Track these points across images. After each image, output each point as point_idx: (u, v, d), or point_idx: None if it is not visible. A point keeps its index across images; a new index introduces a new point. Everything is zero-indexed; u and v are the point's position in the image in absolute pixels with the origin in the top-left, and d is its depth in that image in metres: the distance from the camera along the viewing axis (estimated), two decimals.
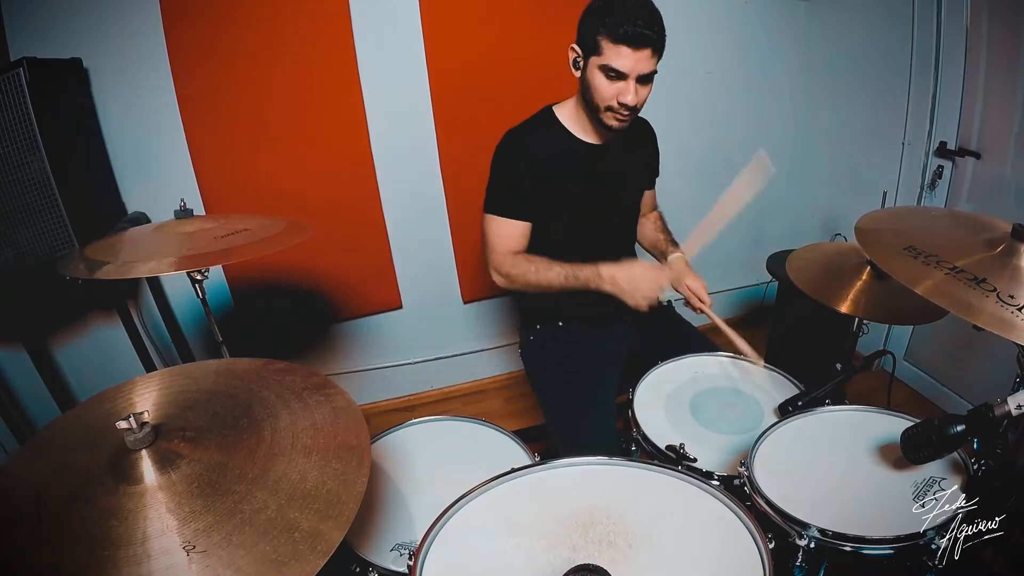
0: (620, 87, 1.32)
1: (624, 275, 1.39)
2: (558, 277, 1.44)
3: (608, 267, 1.41)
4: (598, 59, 1.31)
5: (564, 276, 1.44)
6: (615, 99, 1.34)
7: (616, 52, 1.28)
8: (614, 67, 1.30)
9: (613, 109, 1.36)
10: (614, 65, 1.29)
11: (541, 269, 1.46)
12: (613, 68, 1.30)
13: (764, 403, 1.35)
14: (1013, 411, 0.86)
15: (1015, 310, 0.88)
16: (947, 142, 2.09)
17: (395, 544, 1.04)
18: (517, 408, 2.54)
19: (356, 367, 2.53)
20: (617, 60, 1.29)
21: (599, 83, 1.34)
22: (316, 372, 0.98)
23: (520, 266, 1.48)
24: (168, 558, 0.66)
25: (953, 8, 1.97)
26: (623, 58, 1.28)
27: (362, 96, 2.13)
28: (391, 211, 2.31)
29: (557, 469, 1.00)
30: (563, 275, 1.44)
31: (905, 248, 1.04)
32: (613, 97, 1.34)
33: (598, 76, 1.33)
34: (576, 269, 1.43)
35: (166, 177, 2.05)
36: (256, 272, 2.26)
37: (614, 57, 1.29)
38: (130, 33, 1.89)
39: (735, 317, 2.94)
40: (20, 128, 1.60)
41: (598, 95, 1.36)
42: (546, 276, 1.45)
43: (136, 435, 0.76)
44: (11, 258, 1.67)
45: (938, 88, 2.08)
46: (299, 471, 0.78)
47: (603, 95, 1.35)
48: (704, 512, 0.90)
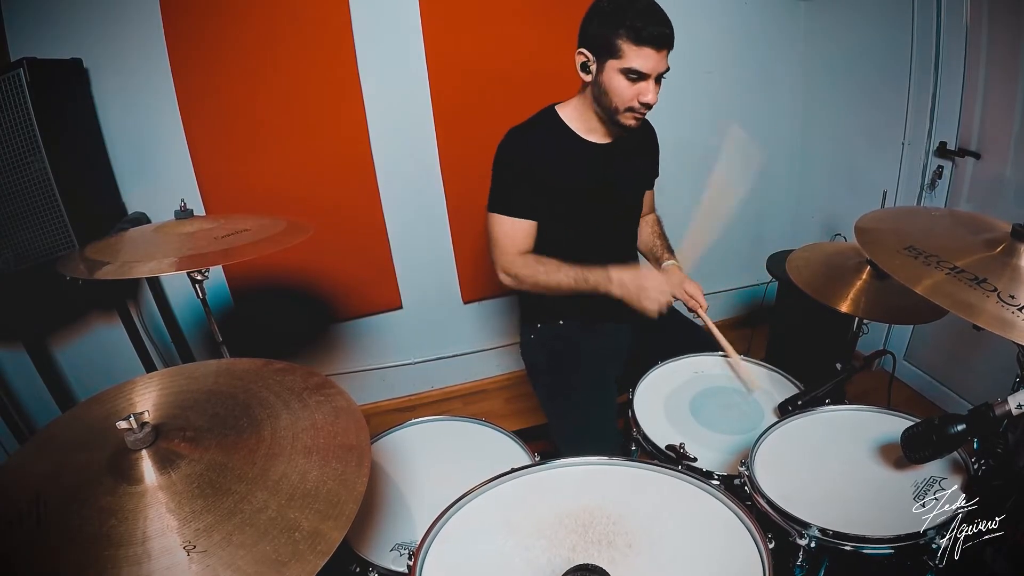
0: (641, 87, 1.33)
1: (634, 280, 1.39)
2: (568, 280, 1.44)
3: (618, 271, 1.41)
4: (618, 62, 1.31)
5: (574, 279, 1.44)
6: (635, 100, 1.35)
7: (639, 54, 1.29)
8: (638, 69, 1.30)
9: (634, 109, 1.37)
10: (637, 67, 1.30)
11: (551, 271, 1.45)
12: (636, 70, 1.30)
13: (764, 403, 1.35)
14: (1013, 411, 0.86)
15: (1015, 310, 0.88)
16: (947, 142, 2.09)
17: (395, 544, 1.04)
18: (517, 408, 2.54)
19: (356, 367, 2.53)
20: (640, 62, 1.30)
21: (619, 86, 1.34)
22: (316, 372, 0.98)
23: (529, 267, 1.47)
24: (168, 558, 0.66)
25: (953, 8, 1.96)
26: (647, 59, 1.29)
27: (362, 96, 2.13)
28: (391, 211, 2.31)
29: (557, 469, 1.00)
30: (573, 278, 1.44)
31: (905, 248, 1.04)
32: (634, 98, 1.35)
33: (618, 79, 1.33)
34: (586, 272, 1.43)
35: (166, 177, 2.05)
36: (256, 272, 2.26)
37: (637, 59, 1.29)
38: (130, 33, 1.89)
39: (735, 317, 2.94)
40: (20, 128, 1.60)
41: (618, 98, 1.36)
42: (556, 278, 1.45)
43: (136, 435, 0.76)
44: (11, 258, 1.67)
45: (938, 88, 2.08)
46: (299, 471, 0.78)
47: (624, 97, 1.35)
48: (704, 512, 0.90)
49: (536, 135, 1.49)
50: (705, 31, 2.41)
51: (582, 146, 1.50)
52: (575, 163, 1.49)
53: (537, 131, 1.50)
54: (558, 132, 1.49)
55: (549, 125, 1.50)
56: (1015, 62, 1.82)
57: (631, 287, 1.39)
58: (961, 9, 1.93)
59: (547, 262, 1.46)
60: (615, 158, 1.53)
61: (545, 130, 1.50)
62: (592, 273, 1.42)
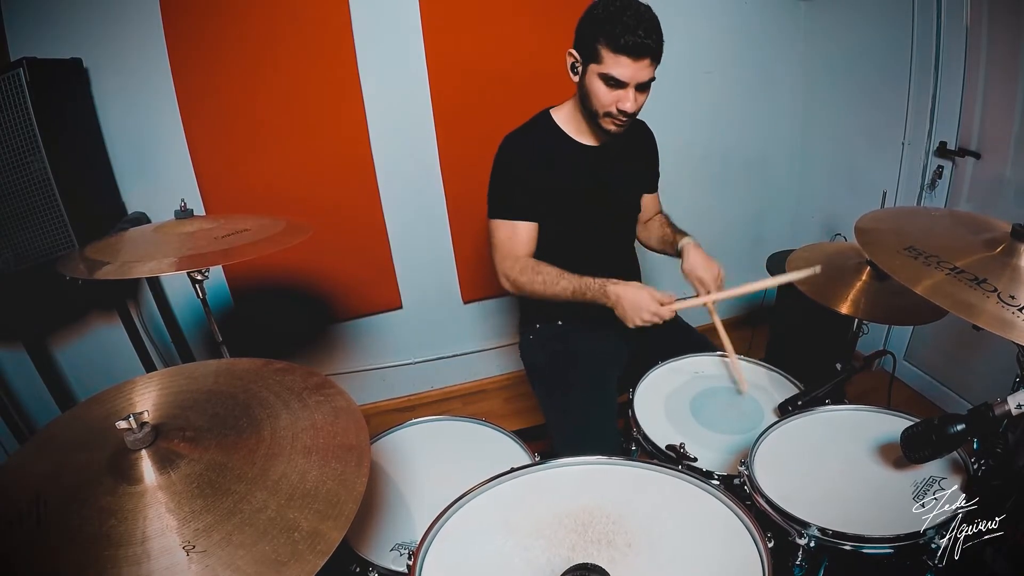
0: (619, 95, 1.34)
1: (629, 299, 1.38)
2: (565, 292, 1.45)
3: (615, 287, 1.40)
4: (598, 67, 1.32)
5: (572, 292, 1.44)
6: (614, 106, 1.35)
7: (616, 61, 1.29)
8: (614, 76, 1.31)
9: (612, 115, 1.38)
10: (614, 74, 1.30)
11: (549, 282, 1.46)
12: (613, 77, 1.31)
13: (764, 403, 1.35)
14: (1013, 411, 0.86)
15: (1016, 311, 0.88)
16: (947, 142, 2.09)
17: (395, 544, 1.04)
18: (517, 408, 2.54)
19: (356, 367, 2.53)
20: (617, 69, 1.30)
21: (598, 90, 1.35)
22: (316, 372, 0.98)
23: (528, 275, 1.48)
24: (168, 558, 0.66)
25: (953, 8, 1.96)
26: (623, 67, 1.29)
27: (362, 96, 2.13)
28: (391, 211, 2.31)
29: (557, 469, 1.00)
30: (570, 290, 1.44)
31: (905, 248, 1.04)
32: (612, 104, 1.35)
33: (597, 83, 1.34)
34: (584, 287, 1.43)
35: (166, 177, 2.05)
36: (256, 272, 2.26)
37: (614, 66, 1.30)
38: (130, 33, 1.89)
39: (735, 317, 2.93)
40: (20, 128, 1.60)
41: (597, 102, 1.37)
42: (553, 290, 1.46)
43: (136, 435, 0.76)
44: (11, 258, 1.67)
45: (938, 88, 2.08)
46: (299, 471, 0.78)
47: (602, 102, 1.36)
48: (704, 512, 0.90)
49: (532, 139, 1.50)
50: (705, 31, 2.41)
51: (574, 148, 1.51)
52: (569, 165, 1.49)
53: (532, 135, 1.51)
54: (551, 136, 1.50)
55: (543, 128, 1.51)
56: (1015, 62, 1.82)
57: (625, 306, 1.38)
58: (961, 9, 1.93)
59: (546, 272, 1.46)
60: (607, 160, 1.53)
61: (540, 133, 1.51)
62: (590, 289, 1.42)
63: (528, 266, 1.48)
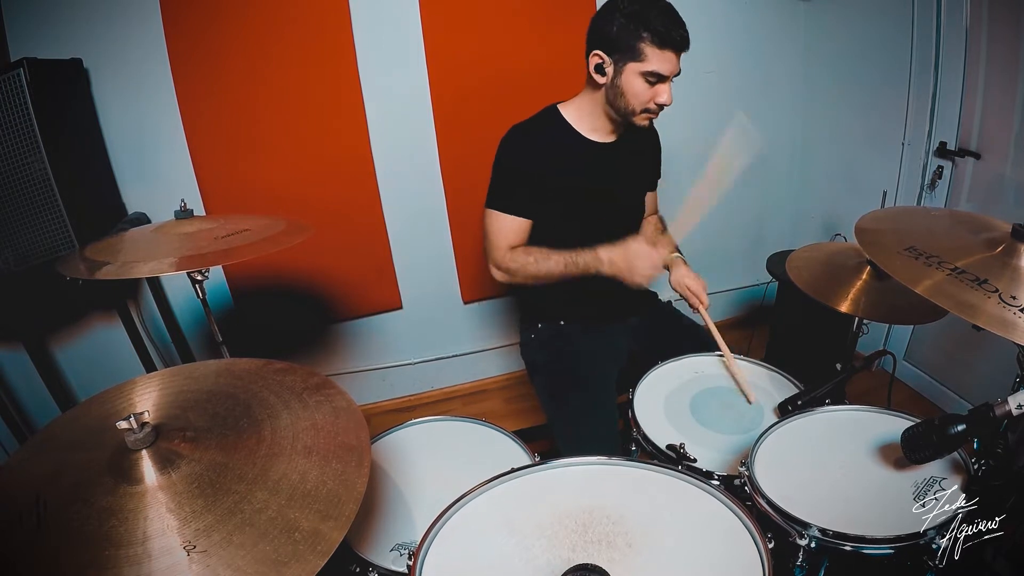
0: (658, 89, 1.36)
1: (622, 255, 1.40)
2: (557, 265, 1.45)
3: (607, 250, 1.42)
4: (639, 65, 1.33)
5: (564, 264, 1.45)
6: (652, 101, 1.37)
7: (662, 57, 1.31)
8: (659, 72, 1.33)
9: (649, 111, 1.40)
10: (659, 70, 1.32)
11: (540, 260, 1.46)
12: (657, 73, 1.33)
13: (764, 403, 1.35)
14: (1013, 411, 0.86)
15: (1016, 311, 0.88)
16: (947, 142, 2.09)
17: (395, 544, 1.04)
18: (517, 408, 2.54)
19: (356, 367, 2.53)
20: (662, 65, 1.32)
21: (638, 88, 1.36)
22: (316, 372, 0.98)
23: (518, 259, 1.48)
24: (168, 558, 0.66)
25: (953, 8, 1.96)
26: (668, 62, 1.32)
27: (362, 96, 2.13)
28: (391, 211, 2.31)
29: (557, 469, 1.00)
30: (563, 263, 1.45)
31: (905, 248, 1.04)
32: (650, 99, 1.38)
33: (637, 82, 1.35)
34: (575, 255, 1.44)
35: (166, 177, 2.05)
36: (256, 272, 2.26)
37: (659, 62, 1.32)
38: (130, 33, 1.89)
39: (735, 317, 2.94)
40: (20, 128, 1.60)
41: (636, 100, 1.38)
42: (545, 266, 1.46)
43: (136, 435, 0.76)
44: (11, 258, 1.67)
45: (938, 88, 2.08)
46: (299, 471, 0.78)
47: (641, 99, 1.38)
48: (704, 512, 0.90)
49: (538, 133, 1.50)
50: (705, 31, 2.39)
51: (584, 145, 1.50)
52: (576, 161, 1.49)
53: (539, 129, 1.50)
54: (560, 130, 1.50)
55: (551, 123, 1.50)
56: (1015, 62, 1.82)
57: (621, 265, 1.40)
58: (961, 9, 1.93)
59: (535, 251, 1.47)
60: (617, 157, 1.53)
61: (547, 128, 1.50)
62: (581, 256, 1.43)
63: (517, 251, 1.49)
